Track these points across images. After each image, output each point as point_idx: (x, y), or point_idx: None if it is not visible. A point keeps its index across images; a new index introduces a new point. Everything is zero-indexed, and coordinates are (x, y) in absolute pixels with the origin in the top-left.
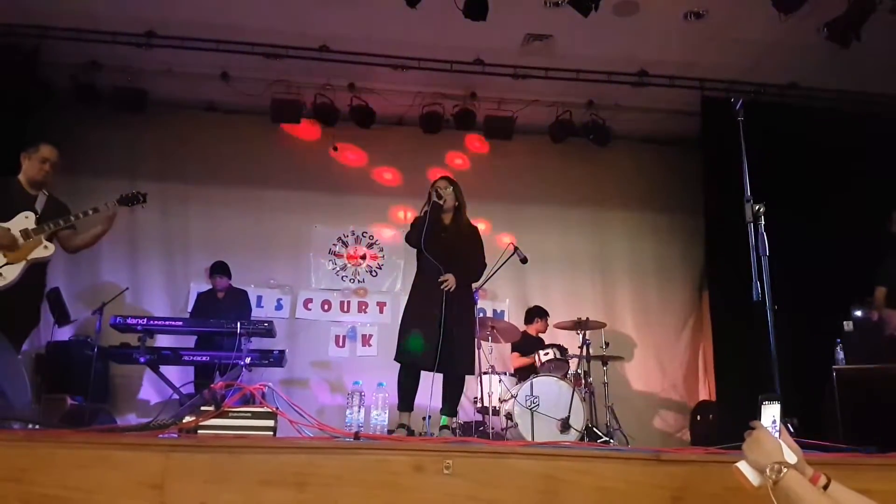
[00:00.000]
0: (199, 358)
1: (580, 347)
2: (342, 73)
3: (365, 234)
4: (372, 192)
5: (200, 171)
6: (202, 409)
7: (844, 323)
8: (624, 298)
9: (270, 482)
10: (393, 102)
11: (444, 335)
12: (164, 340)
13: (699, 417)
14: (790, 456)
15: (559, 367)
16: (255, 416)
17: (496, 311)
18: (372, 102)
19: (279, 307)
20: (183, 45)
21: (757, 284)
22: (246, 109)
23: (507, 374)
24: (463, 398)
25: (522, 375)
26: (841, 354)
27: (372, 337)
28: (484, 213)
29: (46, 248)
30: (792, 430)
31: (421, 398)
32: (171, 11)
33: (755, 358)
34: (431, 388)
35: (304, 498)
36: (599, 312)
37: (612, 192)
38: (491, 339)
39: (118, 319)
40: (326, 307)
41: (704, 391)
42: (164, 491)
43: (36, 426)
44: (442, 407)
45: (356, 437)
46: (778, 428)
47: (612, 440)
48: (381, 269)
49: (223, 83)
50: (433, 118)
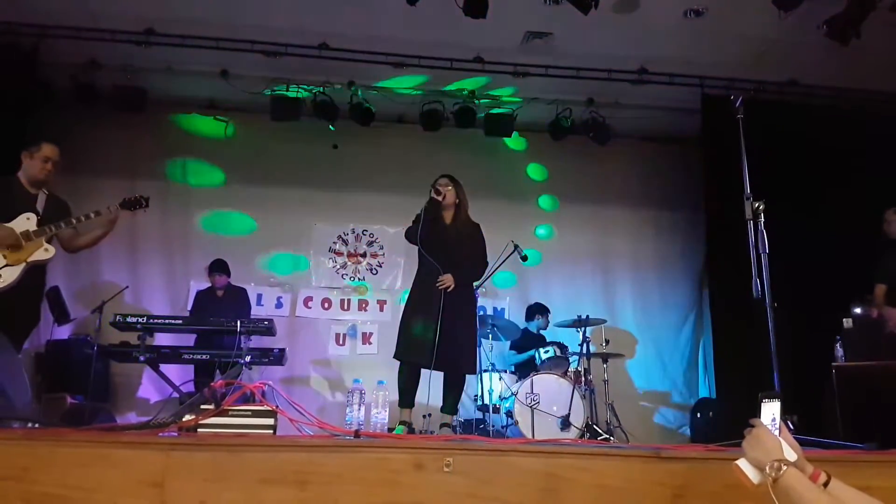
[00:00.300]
0: (198, 356)
1: (580, 345)
2: (342, 70)
3: (365, 231)
4: (372, 190)
5: (200, 169)
6: (202, 407)
7: (844, 320)
8: (624, 296)
9: (271, 480)
10: (393, 100)
11: (442, 334)
12: (163, 339)
13: (699, 414)
14: (790, 453)
15: (559, 364)
16: (255, 414)
17: (496, 308)
18: (371, 100)
19: (279, 305)
20: (182, 42)
21: (757, 282)
22: (246, 107)
23: (507, 371)
24: (463, 395)
25: (523, 373)
26: (841, 351)
27: (372, 335)
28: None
29: (47, 250)
30: (792, 427)
31: (421, 396)
32: (170, 9)
33: (755, 355)
34: (429, 387)
35: (304, 496)
36: (600, 309)
37: (612, 189)
38: (491, 336)
39: (118, 318)
40: (327, 305)
41: (704, 388)
42: (164, 489)
43: (36, 425)
44: (443, 405)
45: (356, 435)
46: (778, 425)
47: (612, 437)
48: (381, 267)
49: (223, 81)
50: (433, 116)
